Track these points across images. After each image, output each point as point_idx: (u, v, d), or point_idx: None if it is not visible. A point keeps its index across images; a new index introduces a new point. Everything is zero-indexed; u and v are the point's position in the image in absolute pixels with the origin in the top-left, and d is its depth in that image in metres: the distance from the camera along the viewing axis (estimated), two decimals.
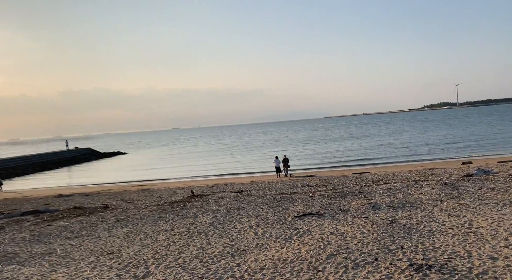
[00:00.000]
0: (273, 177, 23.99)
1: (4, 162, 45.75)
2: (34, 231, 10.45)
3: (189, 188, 20.46)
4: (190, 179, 28.01)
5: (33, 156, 52.41)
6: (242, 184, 20.85)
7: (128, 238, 9.12)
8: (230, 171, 30.74)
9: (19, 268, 7.41)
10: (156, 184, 25.62)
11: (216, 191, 17.76)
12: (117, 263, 7.17)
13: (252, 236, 8.02)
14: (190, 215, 10.94)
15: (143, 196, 18.29)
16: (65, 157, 54.15)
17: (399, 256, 5.84)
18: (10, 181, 36.03)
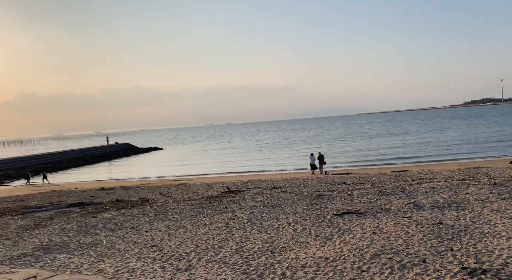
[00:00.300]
0: (308, 174, 23.75)
1: (51, 156, 48.63)
2: (81, 222, 10.99)
3: (224, 184, 20.71)
4: (225, 174, 28.38)
5: (76, 151, 55.27)
6: (277, 180, 20.80)
7: (169, 231, 9.37)
8: (264, 167, 30.78)
9: (69, 257, 7.82)
10: (192, 179, 26.19)
11: (251, 187, 17.84)
12: (160, 256, 7.38)
13: (291, 233, 7.97)
14: (227, 210, 11.06)
15: (181, 190, 18.73)
16: (106, 152, 56.65)
17: (449, 259, 5.56)
18: (56, 174, 38.15)
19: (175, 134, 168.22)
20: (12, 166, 40.19)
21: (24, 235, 9.98)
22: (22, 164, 41.47)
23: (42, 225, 11.07)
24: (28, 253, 8.14)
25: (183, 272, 6.32)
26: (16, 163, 41.81)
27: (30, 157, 46.29)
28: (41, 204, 16.08)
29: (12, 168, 39.20)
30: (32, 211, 13.38)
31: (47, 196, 20.59)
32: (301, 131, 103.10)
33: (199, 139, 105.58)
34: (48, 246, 8.61)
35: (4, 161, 41.61)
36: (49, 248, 8.48)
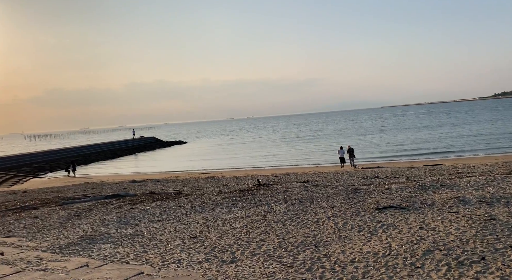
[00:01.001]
0: (337, 167, 23.47)
1: (81, 149, 50.28)
2: (120, 214, 11.24)
3: (252, 177, 20.76)
4: (252, 168, 28.44)
5: (104, 144, 56.89)
6: (305, 174, 20.66)
7: (207, 223, 9.43)
8: (290, 161, 30.66)
9: (114, 247, 8.00)
10: (219, 172, 26.44)
11: (280, 180, 17.78)
12: (202, 247, 7.43)
13: (332, 227, 7.84)
14: (262, 204, 11.03)
15: (210, 183, 18.90)
16: (132, 145, 58.04)
17: (511, 257, 5.30)
18: (86, 167, 39.41)
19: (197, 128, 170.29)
20: (45, 158, 41.81)
21: (67, 225, 10.31)
22: (54, 157, 43.10)
23: (82, 216, 11.41)
24: (74, 242, 8.39)
25: (228, 264, 6.33)
26: (48, 156, 43.48)
27: (61, 150, 47.99)
28: (78, 195, 16.62)
29: (45, 161, 40.78)
30: (71, 202, 13.83)
31: (82, 187, 21.28)
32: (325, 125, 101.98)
33: (222, 133, 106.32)
34: (92, 236, 8.84)
35: (37, 154, 43.34)
36: (94, 238, 8.71)
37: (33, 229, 10.10)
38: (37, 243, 8.50)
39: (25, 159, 39.64)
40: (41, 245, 8.28)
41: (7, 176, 30.52)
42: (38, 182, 29.40)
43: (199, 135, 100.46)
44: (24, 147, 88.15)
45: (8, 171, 32.76)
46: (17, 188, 25.18)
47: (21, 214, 12.25)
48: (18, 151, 63.69)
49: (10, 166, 35.53)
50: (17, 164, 37.12)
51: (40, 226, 10.38)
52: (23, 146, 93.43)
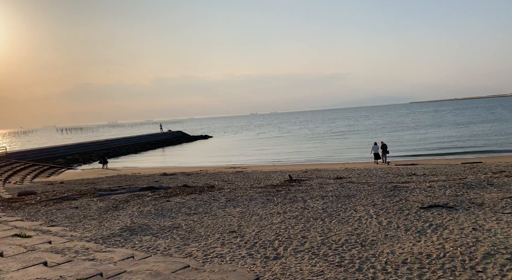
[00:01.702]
0: (369, 164, 22.92)
1: (112, 142, 51.72)
2: (156, 206, 11.37)
3: (282, 172, 20.60)
4: (280, 163, 28.25)
5: (134, 138, 58.28)
6: (337, 170, 20.28)
7: (244, 218, 9.36)
8: (320, 156, 30.22)
9: (155, 239, 8.07)
10: (248, 167, 26.43)
11: (312, 176, 17.51)
12: (243, 242, 7.35)
13: (376, 226, 7.56)
14: (298, 200, 10.85)
15: (240, 178, 18.90)
16: (160, 139, 59.17)
17: None
18: (117, 159, 40.44)
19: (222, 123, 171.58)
20: (78, 151, 43.27)
21: (106, 216, 10.53)
22: (86, 149, 44.55)
23: (120, 207, 11.63)
24: (116, 233, 8.53)
25: (272, 260, 6.21)
26: (81, 148, 44.98)
27: (93, 143, 49.55)
28: (114, 187, 17.03)
29: (78, 153, 42.21)
30: (108, 193, 14.15)
31: (115, 179, 21.83)
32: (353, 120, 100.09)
33: (248, 128, 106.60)
34: (133, 227, 8.96)
35: (71, 147, 44.93)
36: (134, 229, 8.83)
37: (75, 219, 10.39)
38: (80, 233, 8.71)
39: (60, 151, 41.21)
40: (84, 235, 8.47)
41: (44, 167, 31.82)
42: (72, 173, 30.46)
43: (225, 130, 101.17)
44: (57, 139, 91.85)
45: (45, 162, 34.14)
46: (53, 179, 26.18)
47: (62, 204, 12.65)
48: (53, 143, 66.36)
49: (46, 157, 37.01)
50: (52, 155, 38.64)
51: (81, 216, 10.66)
52: (56, 139, 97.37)
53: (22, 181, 23.67)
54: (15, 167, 28.76)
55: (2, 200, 13.93)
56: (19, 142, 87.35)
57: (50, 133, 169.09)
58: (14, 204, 13.06)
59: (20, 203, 13.18)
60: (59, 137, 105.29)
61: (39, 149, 43.05)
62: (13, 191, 18.12)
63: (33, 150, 41.88)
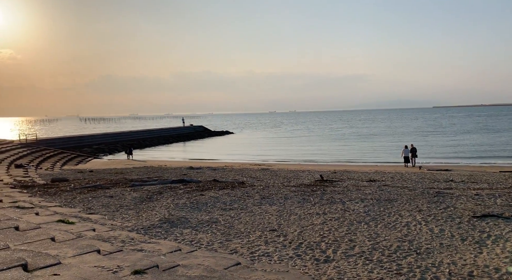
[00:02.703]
0: (398, 167, 22.33)
1: (136, 133, 52.53)
2: (191, 199, 11.32)
3: (310, 172, 20.31)
4: (306, 162, 27.91)
5: (157, 130, 59.02)
6: (367, 172, 19.83)
7: (282, 217, 9.16)
8: (345, 157, 29.70)
9: (195, 233, 7.97)
10: (272, 165, 26.22)
11: (342, 177, 17.15)
12: (287, 242, 7.15)
13: (428, 233, 7.21)
14: (336, 201, 10.56)
15: (269, 175, 18.71)
16: (182, 133, 59.71)
17: None
18: (141, 151, 40.97)
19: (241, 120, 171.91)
20: (103, 141, 44.10)
21: (142, 207, 10.54)
22: (111, 140, 45.37)
23: (154, 199, 11.63)
24: (156, 224, 8.49)
25: (323, 263, 5.98)
26: (107, 138, 45.83)
27: (118, 134, 50.47)
28: (145, 178, 17.15)
29: (103, 143, 43.02)
30: (140, 184, 14.24)
31: (143, 170, 22.05)
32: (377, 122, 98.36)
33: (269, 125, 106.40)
34: (171, 219, 8.91)
35: (97, 136, 45.84)
36: (173, 221, 8.77)
37: (111, 208, 10.44)
38: (120, 223, 8.71)
39: (86, 140, 42.10)
40: (125, 225, 8.46)
41: (72, 155, 32.56)
42: (99, 162, 31.03)
43: (245, 127, 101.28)
44: (82, 128, 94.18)
45: (72, 150, 34.94)
46: (82, 167, 26.72)
47: (96, 192, 12.78)
48: (78, 132, 67.96)
49: (73, 145, 37.89)
50: (79, 144, 39.52)
51: (117, 205, 10.71)
52: (81, 128, 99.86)
53: (52, 167, 24.26)
54: (45, 154, 29.53)
55: (38, 186, 14.22)
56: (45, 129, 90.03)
57: (73, 123, 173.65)
58: (50, 190, 13.29)
59: (56, 189, 13.41)
60: (83, 127, 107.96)
61: (66, 137, 44.13)
62: (46, 177, 18.52)
63: (61, 137, 42.97)
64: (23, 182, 15.61)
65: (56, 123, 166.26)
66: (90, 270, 4.39)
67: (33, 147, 30.99)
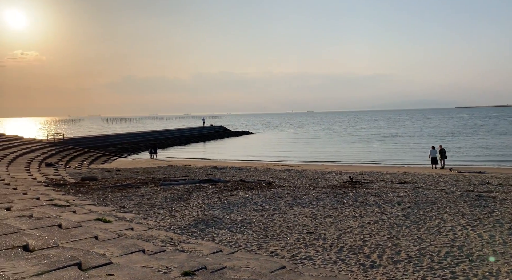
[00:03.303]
0: (426, 169, 21.72)
1: (158, 133, 53.23)
2: (221, 199, 11.25)
3: (336, 173, 19.96)
4: (330, 163, 27.51)
5: (178, 130, 59.62)
6: (395, 173, 19.32)
7: (317, 219, 8.97)
8: (371, 158, 29.10)
9: (231, 233, 7.87)
10: (296, 165, 25.96)
11: (371, 179, 16.75)
12: (327, 245, 6.96)
13: (477, 239, 6.86)
14: (371, 204, 10.27)
15: (294, 176, 18.49)
16: (203, 133, 60.10)
17: None
18: (164, 150, 41.40)
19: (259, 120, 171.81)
20: (127, 140, 44.84)
21: (174, 206, 10.54)
22: (135, 139, 46.09)
23: (184, 198, 11.62)
24: (191, 224, 8.44)
25: (370, 268, 5.76)
26: (130, 138, 46.59)
27: (141, 133, 51.26)
28: (173, 177, 17.25)
29: (127, 142, 43.73)
30: (169, 183, 14.29)
31: (168, 170, 22.20)
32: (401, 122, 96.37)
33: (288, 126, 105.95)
34: (206, 219, 8.85)
35: (120, 136, 46.67)
36: (207, 221, 8.70)
37: (144, 207, 10.48)
38: (155, 222, 8.71)
39: (110, 139, 42.91)
40: (160, 224, 8.46)
41: (97, 154, 33.22)
42: (124, 161, 31.54)
43: (264, 127, 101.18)
44: (105, 128, 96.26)
45: (97, 149, 35.66)
46: (108, 166, 27.19)
47: (127, 191, 12.89)
48: (102, 132, 69.45)
49: (98, 145, 38.68)
50: (103, 143, 40.31)
51: (149, 204, 10.75)
52: (103, 128, 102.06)
53: (80, 166, 24.80)
54: (72, 153, 30.25)
55: (70, 184, 14.48)
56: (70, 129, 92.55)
57: (96, 122, 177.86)
58: (81, 188, 13.50)
59: (87, 188, 13.61)
60: (106, 126, 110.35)
61: (91, 136, 45.13)
62: (75, 176, 18.89)
63: (86, 137, 43.97)
64: (55, 180, 15.95)
65: (79, 123, 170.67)
66: (141, 270, 4.33)
67: (61, 146, 31.79)
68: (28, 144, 29.06)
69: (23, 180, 14.29)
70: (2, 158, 19.68)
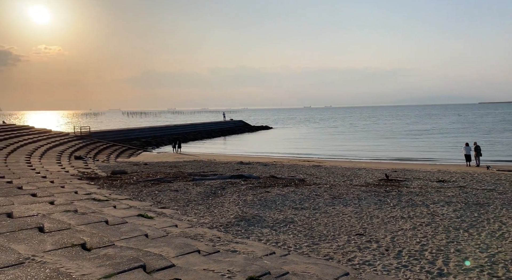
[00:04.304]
0: (460, 166, 20.85)
1: (180, 127, 53.52)
2: (257, 196, 10.94)
3: (366, 170, 19.36)
4: (356, 159, 26.85)
5: (199, 124, 59.80)
6: (429, 171, 18.57)
7: (362, 219, 8.54)
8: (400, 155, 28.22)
9: (275, 233, 7.55)
10: (323, 161, 25.42)
11: (407, 177, 16.10)
12: (382, 249, 6.54)
13: None
14: (417, 204, 9.75)
15: (325, 173, 18.01)
16: (223, 127, 60.08)
17: None
18: (186, 145, 41.44)
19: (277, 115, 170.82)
20: (150, 134, 45.21)
21: (210, 202, 10.30)
22: (158, 133, 46.42)
23: (219, 194, 11.39)
24: (232, 222, 8.18)
25: (439, 277, 5.32)
26: (153, 132, 46.96)
27: (163, 127, 51.64)
28: (200, 172, 17.09)
29: (151, 136, 44.09)
30: (200, 178, 14.11)
31: (195, 164, 22.09)
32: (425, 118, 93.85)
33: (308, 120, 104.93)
34: (246, 217, 8.57)
35: (144, 130, 47.10)
36: (248, 219, 8.42)
37: (180, 202, 10.29)
38: (196, 218, 8.49)
39: (134, 133, 43.36)
40: (201, 221, 8.23)
41: (123, 148, 33.58)
42: (149, 155, 31.73)
43: (283, 122, 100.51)
44: (127, 122, 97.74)
45: (122, 143, 36.05)
46: (134, 160, 27.36)
47: (160, 186, 12.76)
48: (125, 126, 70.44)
49: (123, 138, 39.12)
50: (128, 137, 40.75)
51: (185, 200, 10.56)
52: (126, 121, 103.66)
53: (108, 159, 25.05)
54: (99, 146, 30.64)
55: (102, 178, 14.51)
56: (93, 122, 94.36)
57: (117, 116, 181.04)
58: (114, 182, 13.47)
59: (120, 182, 13.58)
60: (129, 120, 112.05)
61: (116, 130, 45.72)
62: (105, 169, 18.99)
63: (111, 130, 44.57)
64: (86, 174, 16.04)
65: (101, 117, 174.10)
66: (206, 275, 4.06)
67: (87, 139, 32.26)
68: (57, 136, 29.59)
69: (57, 173, 14.41)
70: (35, 151, 20.02)
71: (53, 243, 4.39)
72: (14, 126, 30.74)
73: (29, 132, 28.48)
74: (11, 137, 23.16)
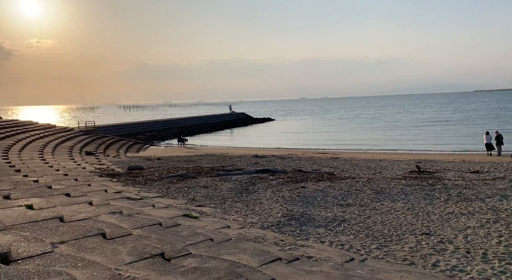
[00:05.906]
0: (481, 156, 20.44)
1: (184, 121, 52.71)
2: (292, 191, 10.34)
3: (389, 161, 18.81)
4: (371, 151, 26.29)
5: (203, 117, 58.95)
6: (454, 161, 18.10)
7: (418, 216, 7.98)
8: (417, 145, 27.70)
9: (333, 234, 6.96)
10: (337, 153, 24.86)
11: (437, 168, 15.56)
12: (462, 250, 5.96)
13: None
14: (470, 198, 9.19)
15: (348, 165, 17.44)
16: (227, 120, 59.33)
17: None
18: (192, 138, 40.70)
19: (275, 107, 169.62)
20: (155, 128, 44.40)
21: (246, 199, 9.70)
22: (163, 127, 45.61)
23: (251, 190, 10.78)
24: (283, 221, 7.58)
25: None
26: (157, 125, 46.15)
27: (167, 121, 50.83)
28: (219, 166, 16.45)
29: (155, 130, 43.29)
30: (225, 173, 13.49)
31: (209, 158, 21.43)
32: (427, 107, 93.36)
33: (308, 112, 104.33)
34: (294, 216, 7.97)
35: (148, 123, 46.27)
36: (298, 219, 7.83)
37: (215, 199, 9.69)
38: (242, 218, 7.89)
39: (139, 127, 42.50)
40: (249, 221, 7.62)
41: (130, 142, 32.81)
42: (158, 150, 31.00)
43: (285, 113, 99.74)
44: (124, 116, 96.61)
45: (128, 137, 35.26)
46: (143, 154, 26.62)
47: (186, 182, 12.12)
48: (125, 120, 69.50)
49: (128, 133, 38.29)
50: (133, 131, 39.91)
51: (219, 197, 9.95)
52: (124, 115, 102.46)
53: (118, 154, 24.32)
54: (105, 141, 29.87)
55: (123, 174, 13.85)
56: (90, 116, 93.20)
57: (113, 110, 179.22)
58: (137, 178, 12.83)
59: (143, 178, 12.92)
60: (125, 114, 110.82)
61: (120, 124, 44.89)
62: (118, 165, 18.30)
63: (115, 125, 43.72)
64: (103, 170, 15.37)
65: (97, 111, 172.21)
66: None
67: (93, 134, 31.45)
68: (62, 132, 28.79)
69: (74, 170, 13.72)
70: (45, 147, 19.28)
71: (128, 253, 3.76)
72: (18, 122, 29.87)
73: (34, 128, 27.65)
74: (17, 133, 22.37)
